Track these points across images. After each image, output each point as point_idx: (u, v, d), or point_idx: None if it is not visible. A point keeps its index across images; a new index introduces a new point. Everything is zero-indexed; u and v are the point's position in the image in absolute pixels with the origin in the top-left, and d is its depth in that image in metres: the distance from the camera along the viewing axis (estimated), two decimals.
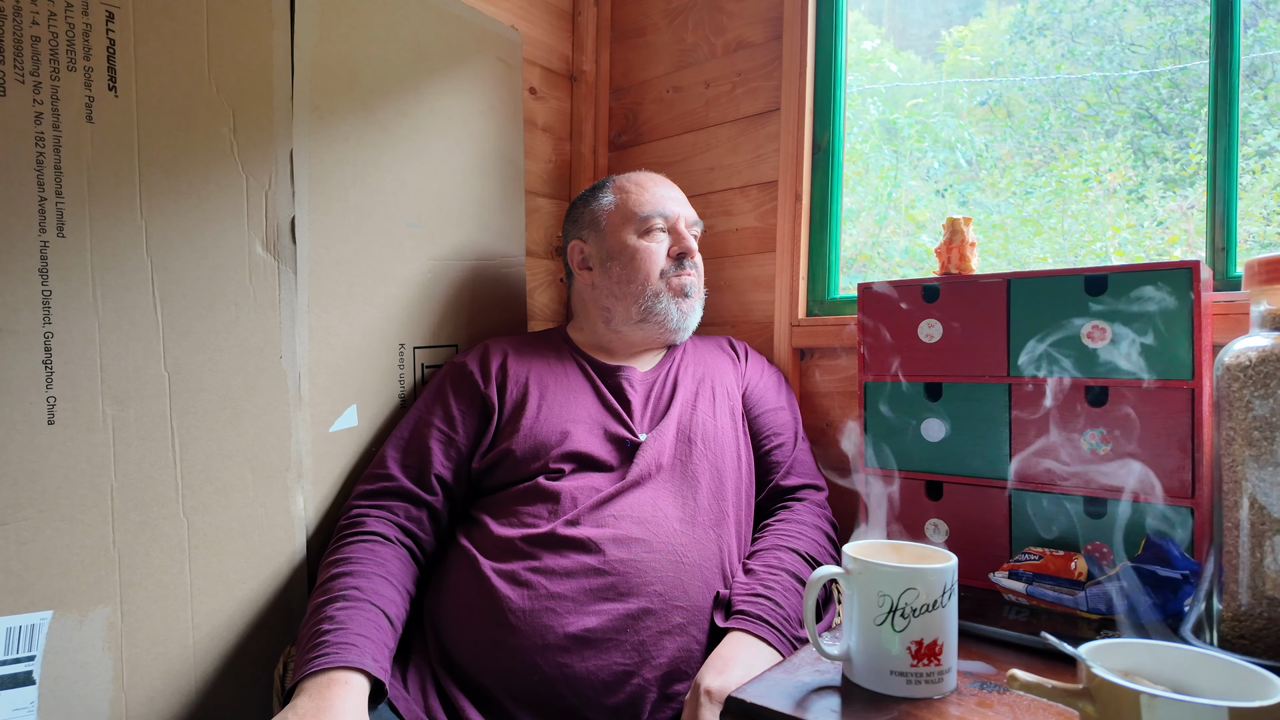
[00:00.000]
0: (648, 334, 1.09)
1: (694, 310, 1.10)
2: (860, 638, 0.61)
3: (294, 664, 0.76)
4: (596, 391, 1.03)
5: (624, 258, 1.08)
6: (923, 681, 0.59)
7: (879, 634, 0.59)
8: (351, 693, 0.71)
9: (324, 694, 0.70)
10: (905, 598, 0.58)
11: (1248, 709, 0.44)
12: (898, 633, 0.58)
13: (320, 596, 0.82)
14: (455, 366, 1.06)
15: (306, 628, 0.79)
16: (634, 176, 1.13)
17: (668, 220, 1.09)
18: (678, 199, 1.12)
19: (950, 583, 0.60)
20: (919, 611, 0.58)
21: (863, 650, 0.61)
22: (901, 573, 0.59)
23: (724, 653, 0.78)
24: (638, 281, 1.07)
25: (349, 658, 0.73)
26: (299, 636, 0.80)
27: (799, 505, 1.01)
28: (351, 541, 0.89)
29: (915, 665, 0.58)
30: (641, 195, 1.09)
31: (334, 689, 0.71)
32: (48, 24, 0.77)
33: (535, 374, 1.04)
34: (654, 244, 1.08)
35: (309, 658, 0.74)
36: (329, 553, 0.89)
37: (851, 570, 0.62)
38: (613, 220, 1.09)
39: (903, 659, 0.58)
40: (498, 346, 1.08)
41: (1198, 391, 0.77)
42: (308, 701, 0.70)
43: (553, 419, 0.98)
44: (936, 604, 0.58)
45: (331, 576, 0.84)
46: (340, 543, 0.89)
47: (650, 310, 1.07)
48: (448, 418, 1.00)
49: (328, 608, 0.79)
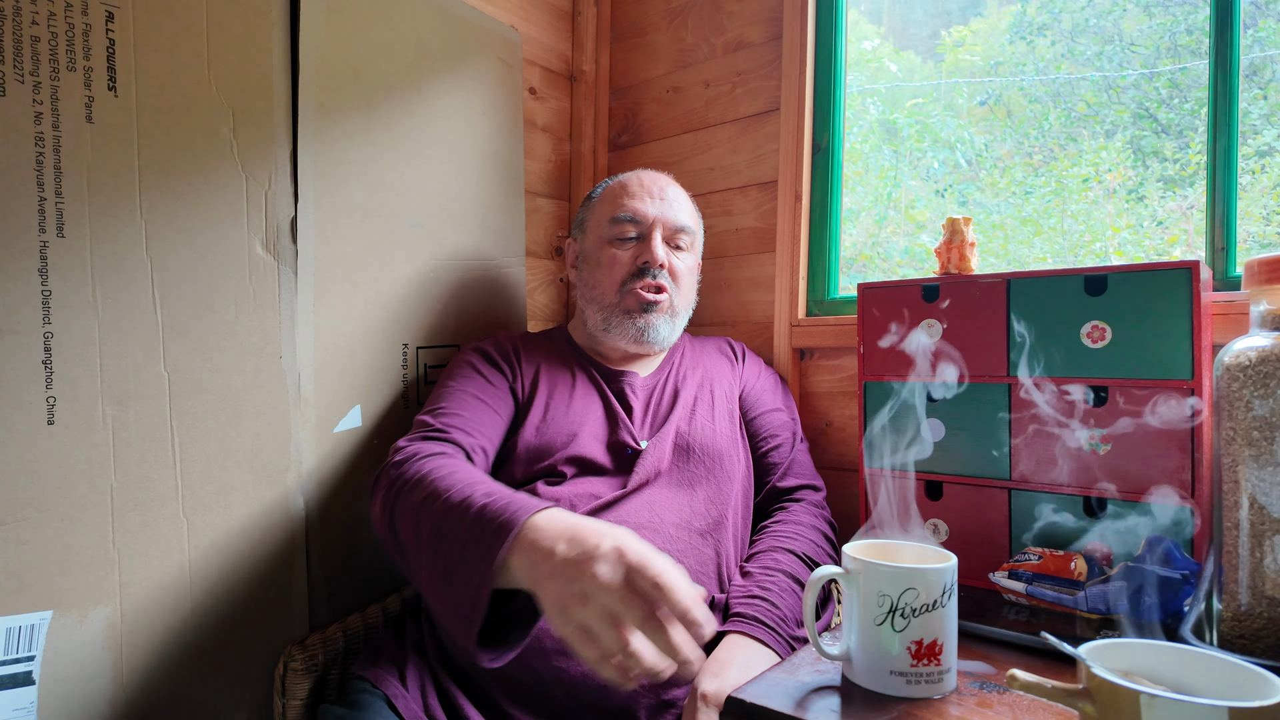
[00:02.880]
0: (616, 344, 1.05)
1: (656, 325, 1.03)
2: (860, 638, 0.61)
3: (470, 545, 0.64)
4: (603, 397, 1.02)
5: (592, 262, 1.06)
6: (922, 681, 0.59)
7: (879, 634, 0.59)
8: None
9: (555, 513, 0.63)
10: (905, 598, 0.58)
11: (1248, 709, 0.44)
12: (897, 633, 0.58)
13: (440, 503, 0.70)
14: (479, 350, 1.04)
15: (455, 521, 0.67)
16: (628, 176, 1.10)
17: (640, 225, 1.04)
18: (663, 202, 1.05)
19: (950, 583, 0.60)
20: (919, 611, 0.58)
21: (862, 650, 0.61)
22: (901, 573, 0.59)
23: (720, 655, 0.78)
24: (599, 290, 1.05)
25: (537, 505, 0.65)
26: (442, 544, 0.67)
27: (796, 506, 1.01)
28: (426, 459, 0.79)
29: (915, 665, 0.58)
30: (621, 196, 1.06)
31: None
32: (48, 24, 0.77)
33: (544, 373, 1.03)
34: (620, 251, 1.04)
35: (507, 517, 0.63)
36: (393, 491, 0.77)
37: (851, 570, 0.62)
38: (592, 220, 1.09)
39: (903, 659, 0.58)
40: (509, 340, 1.08)
41: (1198, 391, 0.77)
42: (551, 524, 0.61)
43: (560, 421, 0.97)
44: (936, 604, 0.58)
45: (430, 494, 0.72)
46: (407, 472, 0.78)
47: (610, 321, 1.04)
48: (489, 393, 0.97)
49: (472, 495, 0.68)
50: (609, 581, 0.57)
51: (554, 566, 0.59)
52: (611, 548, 0.58)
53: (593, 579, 0.57)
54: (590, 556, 0.58)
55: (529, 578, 0.61)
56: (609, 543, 0.59)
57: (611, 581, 0.57)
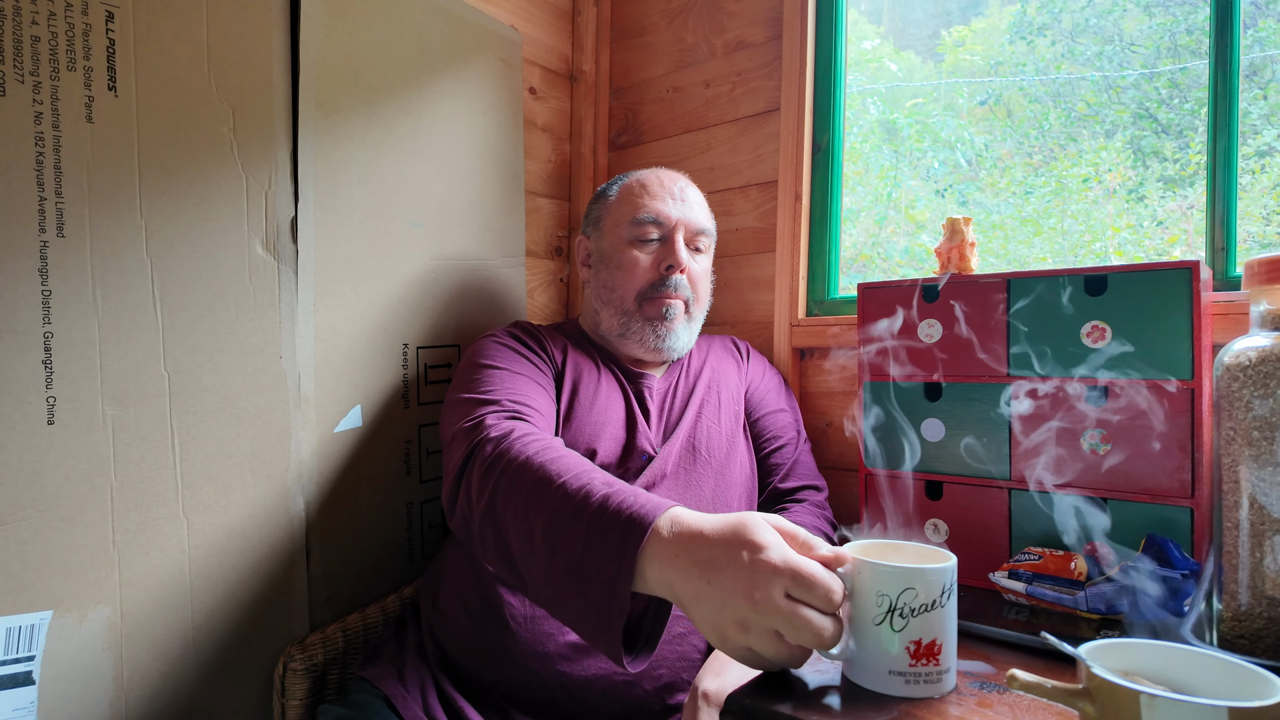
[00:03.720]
0: (631, 351, 1.03)
1: (674, 332, 1.01)
2: (859, 637, 0.61)
3: (596, 545, 0.60)
4: (625, 397, 0.99)
5: (611, 264, 1.03)
6: (921, 681, 0.58)
7: (878, 634, 0.59)
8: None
9: (685, 515, 0.60)
10: (904, 597, 0.58)
11: (1248, 709, 0.44)
12: (896, 632, 0.58)
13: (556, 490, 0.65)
14: (511, 334, 1.00)
15: (575, 513, 0.63)
16: (646, 174, 1.06)
17: (662, 227, 1.01)
18: (684, 203, 1.03)
19: (949, 583, 0.59)
20: (918, 611, 0.58)
21: (861, 650, 0.61)
22: (900, 572, 0.59)
23: (721, 655, 0.78)
24: (618, 293, 1.01)
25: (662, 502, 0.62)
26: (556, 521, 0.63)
27: (798, 507, 1.01)
28: (527, 439, 0.73)
29: (914, 665, 0.58)
30: (642, 195, 1.03)
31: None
32: (48, 24, 0.77)
33: (570, 364, 1.00)
34: (642, 254, 1.01)
35: (637, 511, 0.60)
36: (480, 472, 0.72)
37: (850, 570, 0.62)
38: (610, 219, 1.05)
39: (901, 659, 0.58)
40: (530, 327, 1.04)
41: (1197, 391, 0.77)
42: (691, 521, 0.59)
43: (585, 419, 0.94)
44: (935, 604, 0.58)
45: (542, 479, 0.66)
46: (502, 451, 0.72)
47: (628, 327, 1.01)
48: (538, 375, 0.93)
49: (590, 486, 0.64)
50: (765, 606, 0.53)
51: (698, 590, 0.55)
52: (758, 564, 0.54)
53: (749, 607, 0.53)
54: (741, 580, 0.53)
55: (670, 594, 0.57)
56: (749, 556, 0.54)
57: (766, 606, 0.52)
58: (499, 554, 0.69)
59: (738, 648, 0.55)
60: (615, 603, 0.57)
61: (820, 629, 0.53)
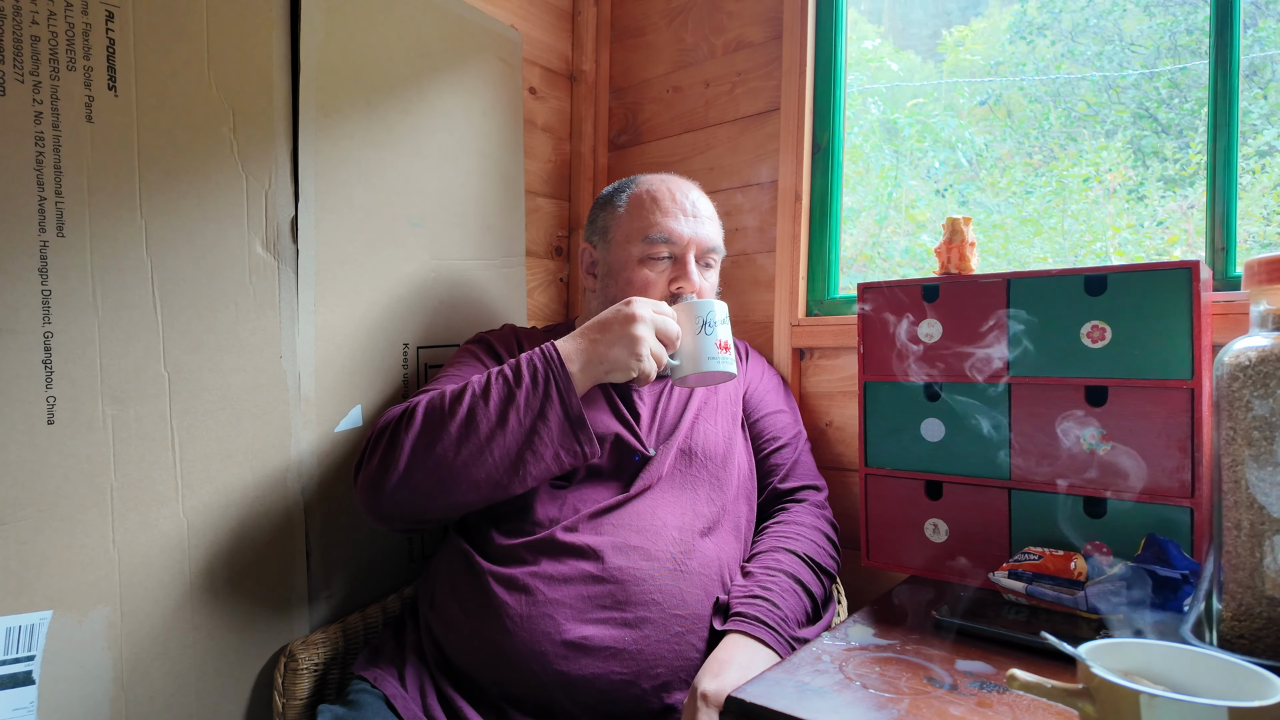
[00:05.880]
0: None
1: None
2: (689, 348, 0.88)
3: (531, 393, 0.83)
4: (610, 401, 0.99)
5: (620, 280, 1.01)
6: (729, 363, 0.88)
7: (702, 337, 0.88)
8: None
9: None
10: (709, 319, 0.89)
11: (1248, 709, 0.44)
12: (709, 336, 0.88)
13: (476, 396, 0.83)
14: (482, 341, 1.02)
15: (505, 390, 0.83)
16: (656, 185, 1.03)
17: (674, 246, 0.99)
18: (696, 220, 1.01)
19: (724, 310, 0.91)
20: (716, 326, 0.89)
21: (693, 351, 0.88)
22: (700, 304, 0.89)
23: (720, 655, 0.78)
24: None
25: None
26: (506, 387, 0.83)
27: (797, 507, 1.01)
28: (420, 396, 0.87)
29: (722, 354, 0.88)
30: (654, 211, 1.00)
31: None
32: (48, 24, 0.77)
33: None
34: (653, 273, 0.99)
35: (543, 352, 0.85)
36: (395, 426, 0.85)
37: (680, 310, 0.90)
38: (620, 233, 1.02)
39: (715, 350, 0.88)
40: (513, 332, 1.05)
41: (1197, 391, 0.77)
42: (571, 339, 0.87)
43: None
44: (725, 320, 0.90)
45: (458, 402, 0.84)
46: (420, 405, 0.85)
47: None
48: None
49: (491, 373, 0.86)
50: (645, 331, 0.84)
51: (602, 351, 0.84)
52: (630, 317, 0.84)
53: (636, 339, 0.83)
54: (619, 328, 0.84)
55: (591, 371, 0.85)
56: (618, 312, 0.85)
57: (645, 334, 0.84)
58: (436, 481, 0.82)
59: (624, 366, 0.84)
60: (572, 409, 0.84)
61: (661, 355, 0.86)
